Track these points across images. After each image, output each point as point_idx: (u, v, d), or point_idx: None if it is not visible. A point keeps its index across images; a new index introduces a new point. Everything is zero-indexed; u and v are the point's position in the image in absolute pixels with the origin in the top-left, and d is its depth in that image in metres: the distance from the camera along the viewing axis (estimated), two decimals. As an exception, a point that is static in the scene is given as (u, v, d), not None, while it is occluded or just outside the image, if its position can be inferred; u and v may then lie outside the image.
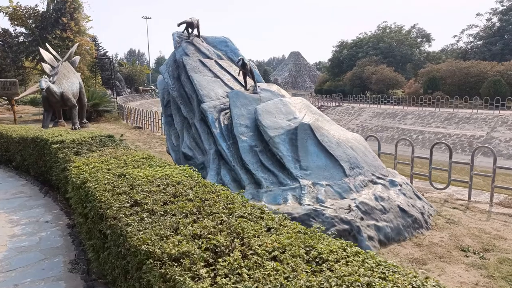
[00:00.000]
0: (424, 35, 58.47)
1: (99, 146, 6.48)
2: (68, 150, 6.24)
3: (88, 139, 6.87)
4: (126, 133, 20.51)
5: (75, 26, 32.25)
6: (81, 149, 6.28)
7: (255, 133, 6.71)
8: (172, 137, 8.43)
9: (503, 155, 26.32)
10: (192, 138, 7.70)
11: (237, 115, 6.91)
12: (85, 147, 6.38)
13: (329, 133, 6.55)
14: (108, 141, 6.96)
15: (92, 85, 33.90)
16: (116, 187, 3.80)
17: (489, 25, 50.42)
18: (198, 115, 7.71)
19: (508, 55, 44.76)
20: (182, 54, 8.53)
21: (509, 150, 26.04)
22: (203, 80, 7.99)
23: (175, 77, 8.57)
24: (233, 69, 8.73)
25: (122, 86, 66.04)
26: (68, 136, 7.13)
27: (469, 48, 52.55)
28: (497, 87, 34.25)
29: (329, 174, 6.01)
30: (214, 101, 7.64)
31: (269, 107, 6.84)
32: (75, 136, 7.13)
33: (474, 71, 37.61)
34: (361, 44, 58.69)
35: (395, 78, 46.08)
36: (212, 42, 9.23)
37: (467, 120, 31.24)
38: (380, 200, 5.74)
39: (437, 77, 40.24)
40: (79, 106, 19.79)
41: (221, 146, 6.86)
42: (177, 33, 9.07)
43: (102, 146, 6.46)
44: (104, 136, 7.33)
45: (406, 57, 54.48)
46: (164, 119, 8.84)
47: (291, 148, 6.27)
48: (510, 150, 25.97)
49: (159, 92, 9.32)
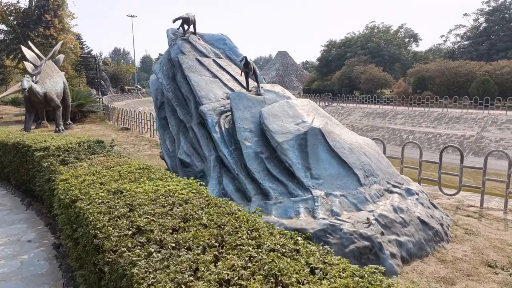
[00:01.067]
0: (411, 35, 58.75)
1: (88, 153, 5.85)
2: (53, 159, 5.60)
3: (75, 146, 6.23)
4: (113, 135, 19.74)
5: (59, 23, 31.14)
6: (68, 157, 5.64)
7: (260, 138, 6.18)
8: (167, 142, 7.84)
9: (493, 155, 26.31)
10: (189, 143, 7.13)
11: (240, 119, 6.37)
12: (72, 155, 5.74)
13: (341, 138, 6.05)
14: (98, 147, 6.33)
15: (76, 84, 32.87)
16: (113, 207, 3.22)
17: (476, 25, 50.88)
18: (196, 118, 7.14)
19: (494, 55, 45.17)
20: (178, 52, 7.93)
21: (500, 150, 26.05)
22: (201, 80, 7.42)
23: (170, 77, 7.97)
24: (232, 68, 8.17)
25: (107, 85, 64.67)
26: (53, 142, 6.47)
27: (456, 48, 52.96)
28: (486, 86, 34.42)
29: (343, 183, 5.51)
30: (213, 103, 7.08)
31: (275, 110, 6.31)
32: (60, 142, 6.48)
33: (463, 71, 37.77)
34: (350, 44, 58.62)
35: (384, 78, 46.08)
36: (209, 39, 8.65)
37: (457, 120, 31.27)
38: (399, 212, 5.27)
39: (426, 76, 40.32)
40: (63, 106, 18.92)
41: (222, 152, 6.31)
42: (171, 29, 8.47)
43: (92, 154, 5.83)
44: (93, 141, 6.70)
45: (394, 57, 54.61)
46: (158, 122, 8.23)
47: (300, 155, 5.75)
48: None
49: (152, 93, 8.71)
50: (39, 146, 6.33)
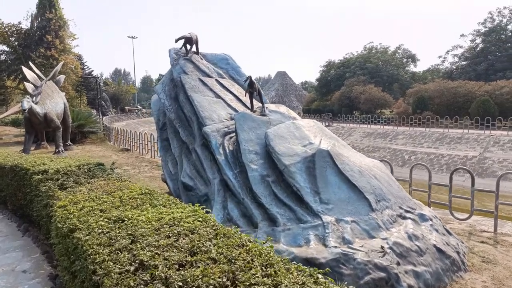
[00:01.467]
0: (409, 56, 59.36)
1: (88, 177, 5.62)
2: (51, 183, 5.36)
3: (74, 169, 6.01)
4: (113, 156, 19.53)
5: (60, 44, 31.35)
6: (67, 181, 5.41)
7: (266, 160, 5.96)
8: (169, 164, 7.61)
9: (497, 176, 26.04)
10: (192, 166, 6.90)
11: (245, 140, 6.17)
12: (72, 179, 5.51)
13: (350, 160, 5.84)
14: (98, 170, 6.10)
15: (77, 105, 32.85)
16: (114, 238, 2.97)
17: (473, 46, 51.44)
18: (199, 140, 6.94)
19: (492, 75, 45.47)
20: (180, 72, 7.80)
21: (503, 171, 25.81)
22: (204, 101, 7.26)
23: (173, 97, 7.82)
24: (235, 89, 8.04)
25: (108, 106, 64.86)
26: (51, 165, 6.24)
27: (454, 68, 53.39)
28: (486, 107, 34.46)
29: (354, 208, 5.27)
30: (217, 124, 6.90)
31: (281, 131, 6.12)
32: (59, 164, 6.25)
33: (462, 91, 37.91)
34: (348, 64, 59.13)
35: (383, 98, 46.23)
36: (212, 59, 8.55)
37: (459, 140, 31.14)
38: (415, 239, 5.00)
39: (426, 97, 40.44)
40: (63, 127, 18.77)
41: (226, 175, 6.08)
42: (174, 49, 8.37)
43: (92, 177, 5.60)
44: (93, 164, 6.48)
45: (393, 77, 54.99)
46: (160, 144, 8.04)
47: (308, 178, 5.53)
48: (505, 171, 25.74)
49: (154, 113, 8.55)
50: (37, 169, 6.10)
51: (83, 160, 6.81)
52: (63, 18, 32.42)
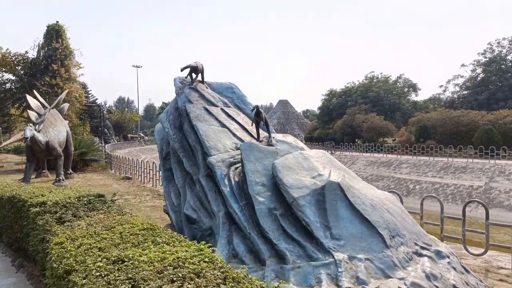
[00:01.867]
0: (410, 85, 59.89)
1: (88, 209, 5.38)
2: (49, 216, 5.12)
3: (74, 201, 5.77)
4: (114, 184, 19.29)
5: (65, 73, 31.74)
6: (65, 214, 5.16)
7: (273, 192, 5.72)
8: (171, 195, 7.36)
9: (504, 206, 25.62)
10: (196, 197, 6.65)
11: (251, 171, 5.95)
12: (70, 212, 5.27)
13: (361, 193, 5.59)
14: (98, 202, 5.86)
15: (80, 133, 32.89)
16: (112, 283, 2.71)
17: (474, 76, 51.93)
18: (204, 170, 6.72)
19: (494, 105, 45.62)
20: (185, 101, 7.69)
21: (510, 201, 25.37)
22: (209, 130, 7.09)
23: (177, 127, 7.66)
24: (241, 118, 7.89)
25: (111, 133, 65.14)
26: (50, 197, 6.01)
27: (456, 97, 53.71)
28: (489, 136, 34.33)
29: (367, 244, 4.98)
30: (222, 154, 6.70)
31: (289, 162, 5.91)
32: (58, 196, 6.02)
33: (465, 120, 37.92)
34: (350, 93, 59.62)
35: (386, 127, 46.26)
36: (217, 88, 8.46)
37: (464, 170, 30.80)
38: (433, 279, 4.69)
39: (428, 125, 40.43)
40: (65, 155, 18.62)
41: (232, 208, 5.82)
42: (179, 78, 8.30)
43: (91, 210, 5.36)
44: (93, 195, 6.25)
45: (394, 106, 55.27)
46: (163, 174, 7.81)
47: (318, 212, 5.26)
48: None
49: (157, 142, 8.37)
50: (35, 201, 5.87)
51: (83, 191, 6.59)
52: (69, 48, 33.00)
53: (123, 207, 6.16)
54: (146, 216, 11.99)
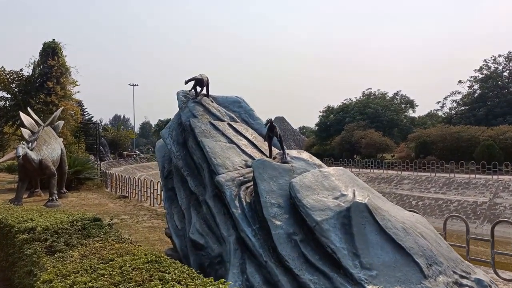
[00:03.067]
0: (407, 101, 59.97)
1: (82, 236, 4.73)
2: (38, 245, 4.47)
3: (66, 226, 5.13)
4: (110, 204, 18.55)
5: (60, 90, 31.21)
6: (57, 242, 4.52)
7: (291, 215, 5.11)
8: (174, 217, 6.73)
9: (511, 222, 24.97)
10: (203, 220, 6.03)
11: (266, 191, 5.34)
12: (62, 239, 4.62)
13: (390, 215, 5.00)
14: (94, 227, 5.22)
15: (75, 150, 32.14)
16: None
17: (471, 92, 52.06)
18: (211, 190, 6.11)
19: (493, 120, 45.55)
20: (190, 115, 7.13)
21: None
22: (216, 147, 6.51)
23: (180, 143, 7.09)
24: (249, 133, 7.33)
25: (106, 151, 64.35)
26: (40, 221, 5.36)
27: (454, 113, 53.69)
28: (491, 151, 33.98)
29: (402, 274, 4.36)
30: (231, 172, 6.10)
31: (308, 181, 5.32)
32: (49, 220, 5.38)
33: (465, 136, 37.64)
34: (348, 110, 59.54)
35: (385, 143, 45.95)
36: (223, 102, 7.92)
37: (467, 186, 30.30)
38: (482, 315, 4.07)
39: (428, 141, 40.11)
40: (59, 174, 17.91)
41: (244, 233, 5.20)
42: (182, 92, 7.76)
43: (86, 237, 4.72)
44: (88, 219, 5.61)
45: (392, 122, 55.14)
46: (165, 194, 7.19)
47: (345, 237, 4.65)
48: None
49: (158, 160, 7.78)
50: (23, 226, 5.22)
51: (76, 215, 5.95)
52: (65, 65, 32.57)
53: (122, 232, 5.50)
54: (144, 237, 11.28)
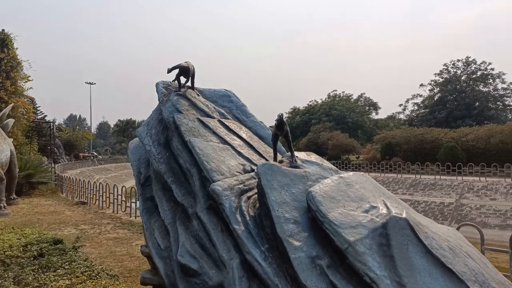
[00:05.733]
0: (371, 104, 61.08)
1: (39, 268, 3.47)
2: (-27, 285, 3.17)
3: (18, 252, 3.83)
4: (67, 211, 16.76)
5: (11, 86, 28.47)
6: (3, 278, 3.23)
7: (311, 233, 4.11)
8: (155, 234, 5.54)
9: (477, 223, 25.46)
10: (194, 238, 4.90)
11: (277, 203, 4.31)
12: (11, 274, 3.34)
13: (433, 232, 4.14)
14: (55, 254, 3.95)
15: (26, 152, 29.46)
16: None
17: (432, 95, 53.72)
18: (204, 201, 5.00)
19: (452, 123, 47.14)
20: (173, 110, 5.96)
21: (482, 218, 25.30)
22: (207, 148, 5.41)
23: (162, 143, 5.91)
24: (243, 132, 6.28)
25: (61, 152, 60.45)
26: (-21, 247, 4.00)
27: (415, 116, 55.19)
28: (454, 153, 34.88)
29: (459, 307, 3.49)
30: (228, 179, 5.02)
31: (330, 190, 4.34)
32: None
33: (429, 138, 38.52)
34: (314, 111, 59.69)
35: (351, 144, 46.33)
36: (211, 96, 6.81)
37: (433, 187, 30.78)
38: None
39: (393, 143, 40.69)
40: (8, 178, 15.91)
41: (251, 255, 4.15)
42: (162, 82, 6.56)
43: (45, 269, 3.46)
44: (47, 241, 4.32)
45: (357, 124, 55.88)
46: (142, 205, 5.97)
47: (384, 262, 3.71)
48: (483, 218, 25.25)
49: (133, 164, 6.54)
50: (-46, 254, 3.85)
51: (31, 234, 4.61)
52: (16, 59, 29.82)
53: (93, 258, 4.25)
54: (110, 252, 9.86)
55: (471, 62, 52.24)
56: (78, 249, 4.48)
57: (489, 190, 27.68)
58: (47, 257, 3.87)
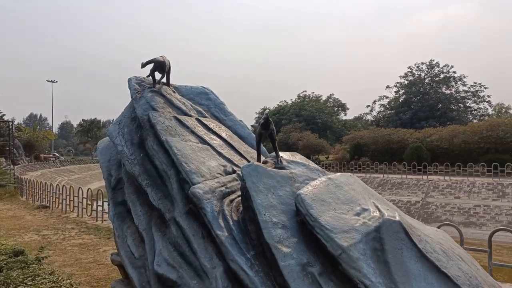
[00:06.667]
0: (339, 105, 62.12)
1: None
2: None
3: (-30, 268, 3.33)
4: (28, 216, 15.80)
5: (-36, 82, 26.65)
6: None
7: (300, 238, 3.87)
8: (128, 241, 5.14)
9: (443, 221, 26.33)
10: (172, 246, 4.54)
11: (264, 207, 4.04)
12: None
13: (426, 235, 3.99)
14: (16, 267, 3.48)
15: (-19, 153, 27.70)
16: None
17: (397, 96, 55.27)
18: (183, 205, 4.65)
19: (417, 124, 48.69)
20: (147, 108, 5.56)
21: (447, 216, 26.15)
22: (186, 148, 5.06)
23: (136, 143, 5.49)
24: (222, 131, 5.96)
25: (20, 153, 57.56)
26: None
27: (382, 116, 56.61)
28: (419, 153, 35.95)
29: (457, 314, 3.35)
30: (209, 181, 4.70)
31: (320, 193, 4.11)
32: None
33: (396, 138, 39.54)
34: (284, 112, 60.01)
35: (321, 144, 46.90)
36: (187, 93, 6.43)
37: (400, 186, 31.55)
38: None
39: (362, 143, 41.48)
40: (-39, 181, 14.76)
41: (236, 263, 3.86)
42: (135, 78, 6.13)
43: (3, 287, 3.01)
44: (5, 254, 3.82)
45: (326, 124, 56.69)
46: (113, 210, 5.53)
47: (379, 268, 3.52)
48: (448, 216, 26.11)
49: (102, 165, 6.07)
50: None
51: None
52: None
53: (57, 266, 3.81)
54: (75, 259, 9.25)
55: (435, 65, 54.32)
56: (43, 261, 4.02)
57: (453, 188, 28.69)
58: (6, 271, 3.40)
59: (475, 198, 26.86)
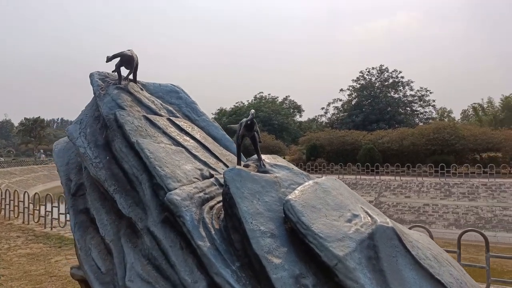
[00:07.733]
0: (295, 106, 63.02)
1: None
2: None
3: None
4: (-36, 224, 14.29)
5: None
6: None
7: (291, 248, 3.62)
8: (93, 254, 4.63)
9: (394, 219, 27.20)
10: (145, 259, 4.12)
11: (250, 214, 3.74)
12: None
13: (415, 240, 3.90)
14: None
15: None
16: None
17: (350, 99, 57.07)
18: (157, 214, 4.24)
19: (368, 126, 50.53)
20: (113, 106, 5.05)
21: (399, 215, 27.21)
22: (159, 150, 4.64)
23: (101, 145, 4.97)
24: (196, 132, 5.59)
25: (-47, 154, 52.69)
26: None
27: (335, 118, 58.16)
28: (371, 154, 37.21)
29: (453, 322, 3.26)
30: (186, 186, 4.32)
31: (308, 198, 3.88)
32: None
33: (349, 140, 40.68)
34: (240, 112, 59.81)
35: (278, 145, 47.19)
36: (156, 91, 5.97)
37: (355, 186, 32.40)
38: None
39: (317, 144, 42.26)
40: None
41: (221, 277, 3.55)
42: (98, 73, 5.57)
43: None
44: None
45: (282, 126, 57.25)
46: (74, 219, 4.97)
47: (375, 278, 3.36)
48: (400, 214, 27.17)
49: (60, 169, 5.46)
50: None
51: None
52: None
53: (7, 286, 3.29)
54: (24, 272, 8.41)
55: (384, 70, 56.87)
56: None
57: (404, 188, 29.95)
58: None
59: (424, 197, 28.18)
